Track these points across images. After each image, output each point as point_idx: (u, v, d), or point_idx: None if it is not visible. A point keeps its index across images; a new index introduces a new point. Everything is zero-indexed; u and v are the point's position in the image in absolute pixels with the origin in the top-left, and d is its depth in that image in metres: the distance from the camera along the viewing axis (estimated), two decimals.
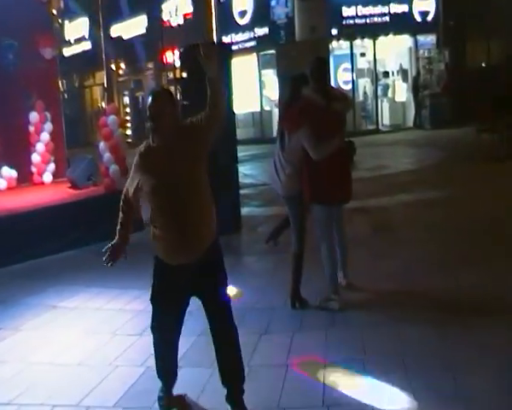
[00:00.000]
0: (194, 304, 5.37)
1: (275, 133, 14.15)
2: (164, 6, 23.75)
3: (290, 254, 5.28)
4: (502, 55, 21.18)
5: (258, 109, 21.81)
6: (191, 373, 4.13)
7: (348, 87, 20.52)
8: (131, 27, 26.11)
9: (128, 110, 28.92)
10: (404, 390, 3.60)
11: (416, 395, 3.53)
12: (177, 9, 23.08)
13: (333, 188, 4.93)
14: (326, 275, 5.14)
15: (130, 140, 25.66)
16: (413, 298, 5.16)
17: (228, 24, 22.08)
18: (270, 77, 21.35)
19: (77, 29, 29.07)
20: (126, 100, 29.58)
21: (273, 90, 20.97)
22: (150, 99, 3.28)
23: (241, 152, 10.16)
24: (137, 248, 4.34)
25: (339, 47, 20.51)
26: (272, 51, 20.94)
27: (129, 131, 27.02)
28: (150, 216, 3.39)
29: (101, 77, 27.50)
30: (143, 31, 25.55)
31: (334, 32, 19.75)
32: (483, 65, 21.23)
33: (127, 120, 27.64)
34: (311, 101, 4.84)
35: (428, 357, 4.03)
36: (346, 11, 19.82)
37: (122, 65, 28.37)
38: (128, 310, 5.56)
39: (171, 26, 22.63)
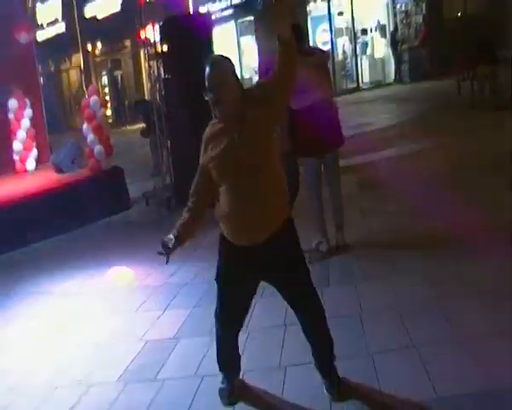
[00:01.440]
0: (189, 276, 5.53)
1: None
2: None
3: None
4: (478, 4, 21.10)
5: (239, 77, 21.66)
6: (190, 344, 4.23)
7: (327, 47, 20.39)
8: (106, 6, 25.69)
9: (107, 90, 28.62)
10: (402, 340, 3.70)
11: (414, 342, 3.64)
12: None
13: (317, 139, 5.09)
14: (313, 222, 5.35)
15: (110, 121, 25.52)
16: (401, 249, 5.27)
17: None
18: (250, 44, 21.18)
19: (49, 12, 28.58)
20: (105, 80, 29.27)
21: (253, 57, 20.81)
22: (209, 68, 2.92)
23: None
24: (122, 228, 4.35)
25: (316, 8, 20.33)
26: (250, 18, 20.72)
27: (109, 112, 26.83)
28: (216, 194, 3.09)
29: (78, 59, 27.20)
30: (118, 8, 25.14)
31: None
32: (459, 15, 21.12)
33: (107, 101, 27.41)
34: None
35: (421, 306, 4.13)
36: None
37: (98, 45, 28.00)
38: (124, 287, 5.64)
39: (147, 2, 22.26)
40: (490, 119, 10.23)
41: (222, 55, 3.09)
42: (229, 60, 3.05)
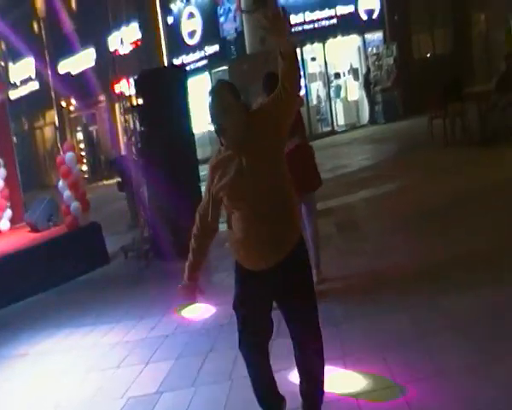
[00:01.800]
0: (170, 328, 5.47)
1: None
2: (110, 37, 23.69)
3: None
4: (446, 45, 21.81)
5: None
6: (174, 397, 4.14)
7: (301, 92, 20.76)
8: (80, 62, 25.97)
9: (82, 146, 28.66)
10: (386, 380, 3.67)
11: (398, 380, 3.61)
12: (122, 40, 23.02)
13: (294, 181, 5.11)
14: None
15: (86, 176, 25.51)
16: (379, 288, 5.29)
17: (178, 46, 22.15)
18: None
19: (23, 70, 28.78)
20: (80, 136, 29.34)
21: None
22: (210, 97, 2.91)
23: (201, 171, 10.22)
24: (101, 283, 4.31)
25: None
26: (224, 68, 21.05)
27: (85, 167, 26.85)
28: (227, 220, 3.07)
29: (52, 116, 27.28)
30: (92, 64, 25.43)
31: None
32: (428, 55, 21.75)
33: (82, 156, 27.44)
34: None
35: (405, 344, 4.11)
36: (294, 18, 20.04)
37: (73, 101, 28.18)
38: (106, 343, 5.54)
39: (121, 55, 22.58)
40: (463, 155, 10.45)
41: (223, 82, 3.09)
42: (232, 85, 3.03)
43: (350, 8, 20.71)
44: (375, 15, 21.10)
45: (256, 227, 2.90)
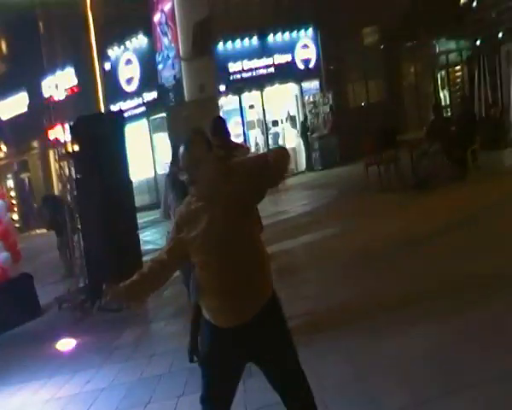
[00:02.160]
0: (107, 380, 5.25)
1: None
2: (44, 82, 23.25)
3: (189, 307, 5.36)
4: (379, 94, 22.72)
5: (153, 175, 21.73)
6: None
7: (240, 140, 20.96)
8: (12, 107, 25.34)
9: (13, 194, 27.75)
10: None
11: None
12: (57, 85, 22.67)
13: None
14: None
15: (18, 225, 24.59)
16: (322, 332, 5.30)
17: (115, 92, 22.01)
18: (162, 140, 21.38)
19: None
20: (10, 183, 28.41)
21: (166, 153, 20.86)
22: (183, 147, 2.86)
23: (139, 219, 10.08)
24: (32, 337, 4.09)
25: (228, 102, 21.00)
26: (163, 115, 21.05)
27: (16, 216, 25.92)
28: (195, 275, 3.00)
29: None
30: (25, 109, 24.87)
31: (223, 88, 20.24)
32: (362, 104, 22.54)
33: (14, 204, 26.53)
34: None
35: (346, 387, 4.09)
36: (233, 67, 20.40)
37: (3, 147, 27.38)
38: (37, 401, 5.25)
39: (56, 102, 22.16)
40: (396, 200, 10.76)
41: (196, 132, 2.99)
42: (204, 135, 2.98)
43: (287, 57, 21.27)
44: (311, 65, 21.76)
45: (227, 281, 2.83)
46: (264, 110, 21.17)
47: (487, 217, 8.02)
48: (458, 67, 22.06)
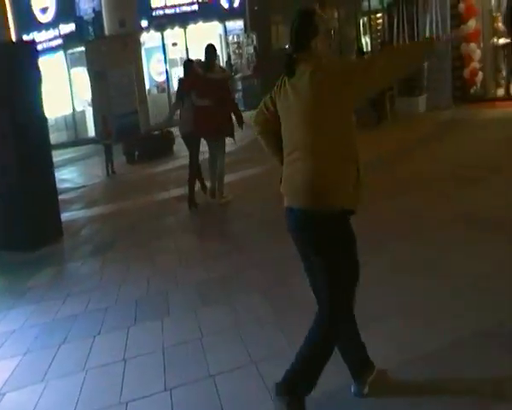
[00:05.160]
0: (17, 322, 5.12)
1: (91, 134, 13.77)
2: None
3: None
4: None
5: (71, 111, 20.92)
6: (20, 395, 3.87)
7: (162, 78, 20.49)
8: None
9: None
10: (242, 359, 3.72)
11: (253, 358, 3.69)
12: None
13: (203, 128, 7.80)
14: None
15: None
16: (238, 273, 5.39)
17: (28, 22, 20.78)
18: (81, 76, 20.53)
19: None
20: None
21: (85, 89, 20.08)
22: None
23: (56, 157, 9.72)
24: None
25: (150, 38, 20.36)
26: (81, 49, 20.13)
27: None
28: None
29: None
30: None
31: (144, 23, 19.57)
32: (286, 46, 22.45)
33: None
34: (195, 71, 7.93)
35: (259, 323, 4.23)
36: (155, 2, 19.73)
37: None
38: None
39: None
40: None
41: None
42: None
43: None
44: (236, 4, 21.37)
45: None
46: (187, 48, 20.71)
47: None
48: (380, 14, 22.31)
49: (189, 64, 8.48)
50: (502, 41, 12.18)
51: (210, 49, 7.82)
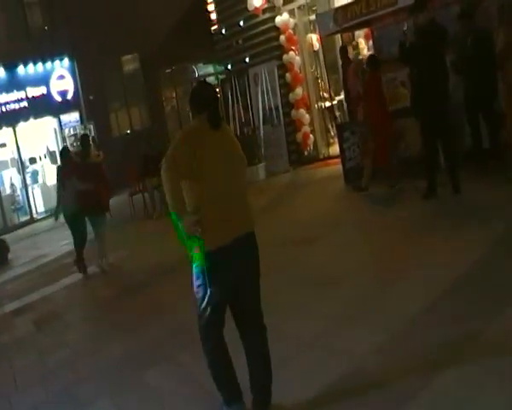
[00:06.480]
0: None
1: None
2: None
3: None
4: (142, 121, 22.74)
5: None
6: None
7: None
8: None
9: None
10: None
11: None
12: None
13: (88, 206, 8.43)
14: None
15: None
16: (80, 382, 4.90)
17: None
18: None
19: None
20: None
21: None
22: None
23: None
24: None
25: None
26: None
27: None
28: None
29: None
30: None
31: None
32: (128, 132, 22.36)
33: None
34: (74, 159, 9.13)
35: None
36: None
37: None
38: None
39: None
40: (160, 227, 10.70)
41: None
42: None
43: (42, 90, 20.04)
44: (69, 96, 20.81)
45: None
46: (18, 148, 19.57)
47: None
48: (217, 90, 23.04)
49: (66, 153, 9.47)
50: (327, 104, 12.91)
51: (86, 139, 9.40)
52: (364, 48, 12.33)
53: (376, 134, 8.32)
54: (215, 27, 15.22)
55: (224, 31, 14.59)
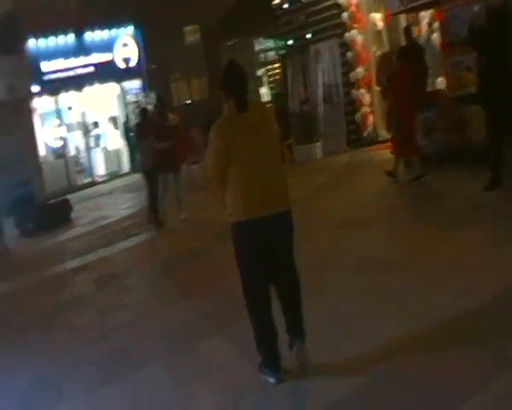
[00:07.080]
0: None
1: None
2: None
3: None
4: (202, 92, 22.95)
5: None
6: None
7: (60, 143, 19.77)
8: None
9: None
10: None
11: None
12: None
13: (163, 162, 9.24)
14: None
15: None
16: (142, 342, 5.15)
17: None
18: None
19: None
20: None
21: None
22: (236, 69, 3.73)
23: None
24: None
25: (43, 103, 19.66)
26: None
27: None
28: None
29: None
30: None
31: (36, 88, 18.93)
32: (187, 102, 22.63)
33: None
34: (153, 119, 9.87)
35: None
36: (46, 65, 19.15)
37: None
38: None
39: None
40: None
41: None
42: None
43: (107, 56, 20.53)
44: (132, 64, 21.21)
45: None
46: (83, 112, 20.20)
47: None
48: (276, 65, 22.97)
49: (146, 112, 10.24)
50: None
51: (163, 102, 10.44)
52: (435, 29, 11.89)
53: (402, 127, 8.34)
54: (277, 2, 15.13)
55: (286, 6, 14.49)
